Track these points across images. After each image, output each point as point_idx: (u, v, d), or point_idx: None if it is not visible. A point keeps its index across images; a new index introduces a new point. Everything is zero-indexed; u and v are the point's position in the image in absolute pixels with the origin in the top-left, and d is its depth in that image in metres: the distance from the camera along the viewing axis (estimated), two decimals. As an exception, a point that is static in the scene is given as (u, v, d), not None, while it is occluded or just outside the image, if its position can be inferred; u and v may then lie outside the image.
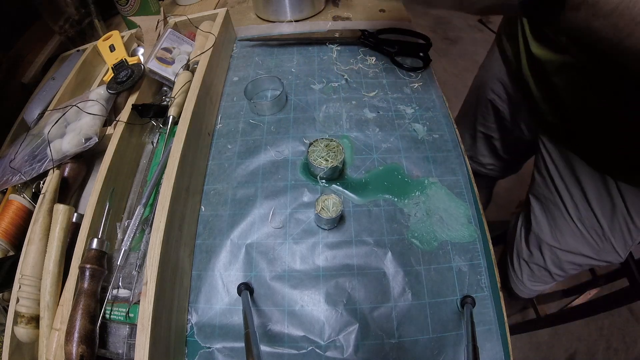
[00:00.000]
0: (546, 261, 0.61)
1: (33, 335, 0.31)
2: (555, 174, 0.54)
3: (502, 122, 0.69)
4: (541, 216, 0.59)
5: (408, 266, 0.35)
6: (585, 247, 0.55)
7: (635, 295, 0.63)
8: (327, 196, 0.36)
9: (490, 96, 0.67)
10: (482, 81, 0.69)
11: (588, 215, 0.52)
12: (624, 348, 1.02)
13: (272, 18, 0.65)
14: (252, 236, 0.37)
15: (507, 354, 0.32)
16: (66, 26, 0.62)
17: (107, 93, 0.44)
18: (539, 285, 0.69)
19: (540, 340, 1.04)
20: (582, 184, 0.51)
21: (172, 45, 0.49)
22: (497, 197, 1.20)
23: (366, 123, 0.46)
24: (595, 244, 0.54)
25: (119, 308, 0.30)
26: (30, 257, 0.33)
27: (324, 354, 0.31)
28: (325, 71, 0.53)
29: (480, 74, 0.72)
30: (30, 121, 0.49)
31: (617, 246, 0.52)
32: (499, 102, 0.66)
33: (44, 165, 0.38)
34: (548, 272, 0.63)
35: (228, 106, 0.50)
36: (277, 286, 0.35)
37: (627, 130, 0.41)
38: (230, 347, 0.32)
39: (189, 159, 0.38)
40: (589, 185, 0.50)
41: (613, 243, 0.52)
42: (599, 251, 0.54)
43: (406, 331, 0.32)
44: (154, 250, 0.30)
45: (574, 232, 0.55)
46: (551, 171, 0.55)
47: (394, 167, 0.42)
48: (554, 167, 0.54)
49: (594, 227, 0.52)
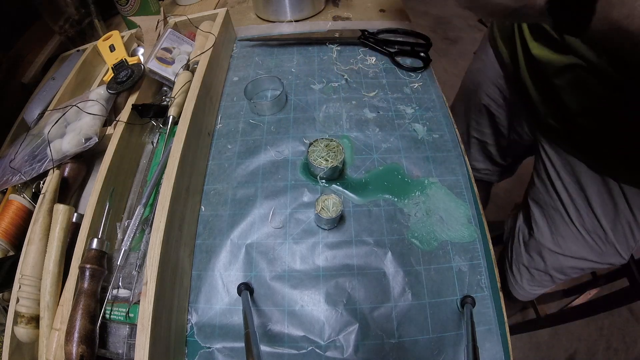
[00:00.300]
0: (547, 266, 0.61)
1: (33, 335, 0.31)
2: (555, 178, 0.54)
3: (498, 127, 0.68)
4: (541, 221, 0.59)
5: (408, 266, 0.35)
6: (588, 251, 0.55)
7: (635, 295, 0.63)
8: (327, 196, 0.36)
9: (485, 101, 0.66)
10: (474, 85, 0.68)
11: (590, 220, 0.51)
12: (624, 348, 1.02)
13: (272, 18, 0.65)
14: (252, 236, 0.37)
15: (507, 354, 0.32)
16: (66, 26, 0.62)
17: (107, 93, 0.44)
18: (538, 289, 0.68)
19: (540, 340, 1.04)
20: (583, 187, 0.50)
21: (172, 45, 0.49)
22: (496, 197, 1.20)
23: (366, 123, 0.46)
24: (598, 247, 0.53)
25: (119, 308, 0.30)
26: (30, 257, 0.33)
27: (324, 354, 0.31)
28: (325, 71, 0.53)
29: (470, 78, 0.70)
30: (30, 121, 0.49)
31: (620, 248, 0.52)
32: (494, 107, 0.65)
33: (44, 165, 0.38)
34: (549, 277, 0.63)
35: (228, 106, 0.50)
36: (277, 286, 0.35)
37: (631, 130, 0.41)
38: (230, 347, 0.32)
39: (189, 159, 0.38)
40: (591, 188, 0.49)
41: (616, 245, 0.51)
42: (602, 254, 0.54)
43: (406, 331, 0.32)
44: (154, 250, 0.30)
45: (576, 236, 0.54)
46: (551, 175, 0.54)
47: (394, 167, 0.42)
48: (554, 171, 0.54)
49: (597, 231, 0.52)
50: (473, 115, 0.71)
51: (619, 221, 0.49)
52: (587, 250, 0.55)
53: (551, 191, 0.55)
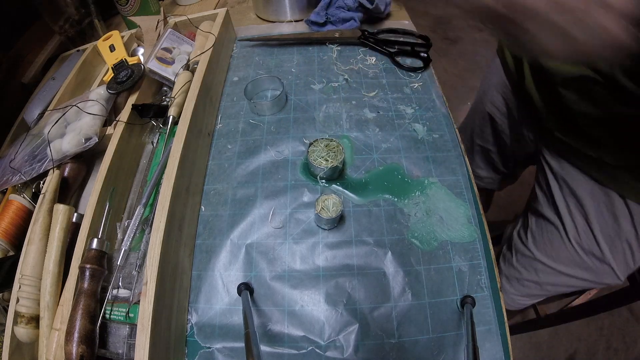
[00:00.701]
0: (539, 279, 0.59)
1: (33, 335, 0.31)
2: (556, 190, 0.53)
3: (500, 136, 0.67)
4: (538, 234, 0.57)
5: (408, 266, 0.35)
6: (582, 269, 0.53)
7: (635, 295, 0.63)
8: (327, 196, 0.36)
9: (489, 109, 0.65)
10: (482, 92, 0.67)
11: (587, 238, 0.50)
12: (624, 348, 1.02)
13: (272, 18, 0.65)
14: (252, 236, 0.37)
15: (507, 354, 0.31)
16: (66, 26, 0.62)
17: (107, 93, 0.44)
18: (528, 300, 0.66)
19: (540, 340, 1.04)
20: (582, 203, 0.49)
21: (172, 45, 0.49)
22: (498, 197, 1.20)
23: (366, 123, 0.46)
24: (594, 267, 0.52)
25: (119, 308, 0.30)
26: (30, 257, 0.33)
27: (324, 354, 0.31)
28: (325, 71, 0.53)
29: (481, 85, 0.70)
30: (30, 121, 0.49)
31: (617, 269, 0.50)
32: (498, 115, 0.64)
33: (44, 165, 0.38)
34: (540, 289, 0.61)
35: (228, 106, 0.50)
36: (277, 286, 0.35)
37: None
38: (230, 347, 0.32)
39: (189, 159, 0.38)
40: (591, 205, 0.48)
41: (613, 266, 0.50)
42: (597, 274, 0.53)
43: (406, 331, 0.32)
44: (154, 250, 0.30)
45: (571, 254, 0.53)
46: (552, 188, 0.53)
47: (394, 167, 0.42)
48: (556, 183, 0.53)
49: (594, 251, 0.50)
50: (477, 122, 0.70)
51: (619, 241, 0.48)
52: (581, 269, 0.53)
53: (550, 204, 0.54)
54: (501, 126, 0.65)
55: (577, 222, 0.51)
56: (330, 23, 0.58)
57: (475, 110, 0.71)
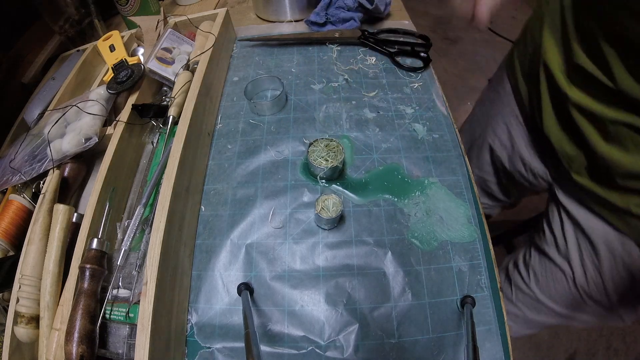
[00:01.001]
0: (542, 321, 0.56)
1: (33, 335, 0.31)
2: (570, 236, 0.48)
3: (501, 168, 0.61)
4: (541, 275, 0.53)
5: (408, 266, 0.35)
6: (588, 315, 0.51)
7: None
8: (327, 196, 0.36)
9: (490, 138, 0.59)
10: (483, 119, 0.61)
11: (598, 291, 0.47)
12: (624, 348, 1.02)
13: (272, 18, 0.65)
14: (252, 236, 0.37)
15: (507, 354, 0.31)
16: (66, 26, 0.62)
17: (107, 93, 0.44)
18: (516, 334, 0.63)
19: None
20: (598, 253, 0.45)
21: (172, 45, 0.49)
22: (497, 197, 1.19)
23: (366, 123, 0.46)
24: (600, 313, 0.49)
25: (119, 308, 0.30)
26: (30, 257, 0.33)
27: (324, 354, 0.31)
28: (325, 71, 0.53)
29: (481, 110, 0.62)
30: (30, 121, 0.49)
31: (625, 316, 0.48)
32: (497, 145, 0.59)
33: (44, 165, 0.38)
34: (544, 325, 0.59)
35: (228, 106, 0.50)
36: (277, 286, 0.35)
37: None
38: (230, 347, 0.32)
39: (189, 159, 0.38)
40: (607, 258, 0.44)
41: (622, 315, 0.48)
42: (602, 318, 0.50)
43: (406, 331, 0.32)
44: (154, 250, 0.30)
45: (577, 301, 0.50)
46: (566, 232, 0.48)
47: (394, 167, 0.42)
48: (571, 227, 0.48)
49: (602, 302, 0.47)
50: (474, 151, 0.65)
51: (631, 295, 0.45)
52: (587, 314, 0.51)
53: (562, 249, 0.50)
54: (502, 159, 0.60)
55: (588, 271, 0.47)
56: (330, 23, 0.58)
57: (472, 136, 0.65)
